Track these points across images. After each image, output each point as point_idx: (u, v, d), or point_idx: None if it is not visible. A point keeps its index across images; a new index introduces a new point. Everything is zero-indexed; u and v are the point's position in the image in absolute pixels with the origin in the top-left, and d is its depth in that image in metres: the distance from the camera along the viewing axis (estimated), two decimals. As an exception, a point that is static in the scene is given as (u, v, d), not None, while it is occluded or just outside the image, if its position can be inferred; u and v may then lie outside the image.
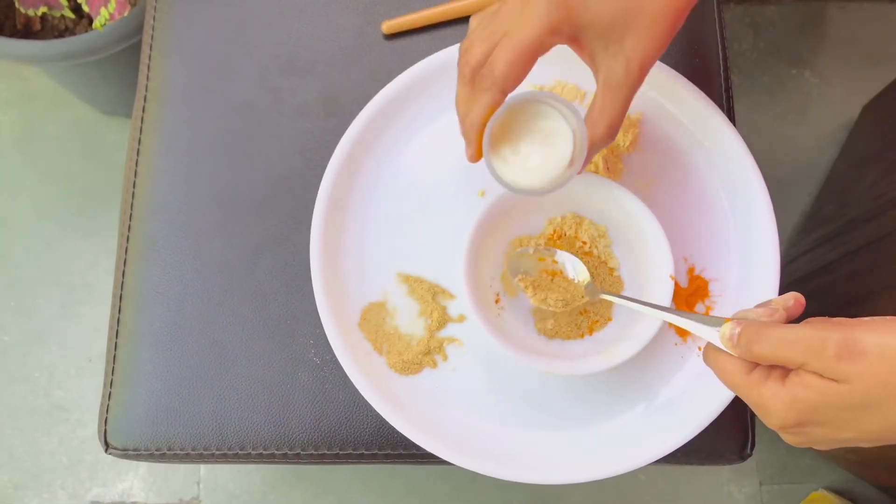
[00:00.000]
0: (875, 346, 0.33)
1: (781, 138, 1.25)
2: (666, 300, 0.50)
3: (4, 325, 1.13)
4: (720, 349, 0.39)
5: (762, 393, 0.36)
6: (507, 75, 0.40)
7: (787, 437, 0.38)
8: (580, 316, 0.55)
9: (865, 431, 0.35)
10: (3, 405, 1.10)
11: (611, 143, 0.46)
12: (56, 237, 1.17)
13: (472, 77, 0.43)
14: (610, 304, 0.56)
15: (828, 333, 0.34)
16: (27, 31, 0.94)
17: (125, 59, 0.95)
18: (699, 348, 0.55)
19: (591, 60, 0.43)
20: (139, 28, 0.90)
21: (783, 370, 0.36)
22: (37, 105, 1.23)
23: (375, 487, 1.07)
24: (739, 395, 0.39)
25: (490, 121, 0.43)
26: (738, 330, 0.38)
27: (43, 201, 1.19)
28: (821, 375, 0.34)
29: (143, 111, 0.64)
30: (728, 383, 0.39)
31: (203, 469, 1.08)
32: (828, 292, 0.95)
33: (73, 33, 0.94)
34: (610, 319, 0.55)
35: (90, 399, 1.10)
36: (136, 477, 1.07)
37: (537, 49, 0.40)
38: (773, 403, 0.36)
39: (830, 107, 1.26)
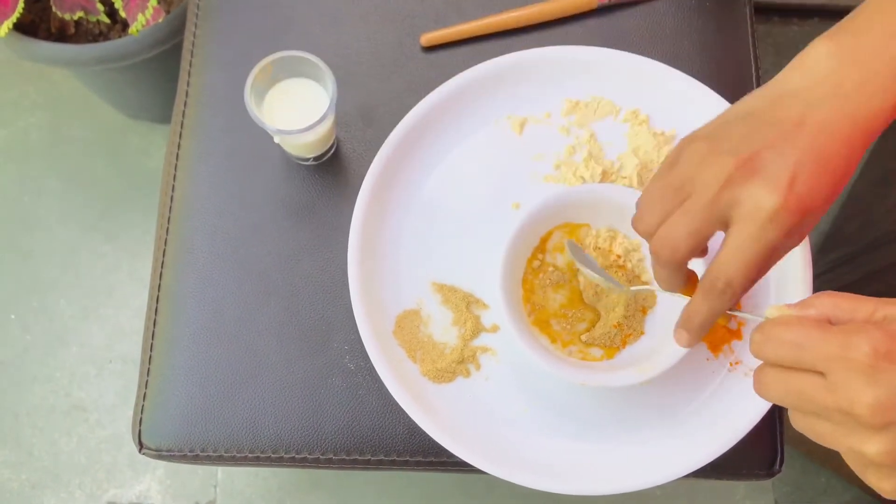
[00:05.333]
0: None
1: (801, 158, 1.25)
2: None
3: (27, 325, 1.14)
4: (776, 323, 0.35)
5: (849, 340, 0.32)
6: (745, 287, 0.39)
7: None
8: (613, 329, 0.55)
9: None
10: (24, 404, 1.11)
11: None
12: (79, 239, 1.18)
13: (676, 265, 0.41)
14: (643, 317, 0.56)
15: None
16: (61, 34, 0.95)
17: (155, 64, 0.97)
18: (731, 364, 0.56)
19: None
20: (173, 34, 0.91)
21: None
22: (64, 108, 1.24)
23: (390, 496, 1.07)
24: (813, 358, 0.33)
25: None
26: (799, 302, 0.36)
27: (67, 203, 1.20)
28: None
29: (183, 116, 0.65)
30: (799, 341, 0.34)
31: (220, 472, 1.08)
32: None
33: (106, 38, 0.95)
34: (643, 333, 0.56)
35: (110, 400, 1.11)
36: (154, 479, 1.08)
37: None
38: (862, 339, 0.31)
39: (850, 127, 1.26)
